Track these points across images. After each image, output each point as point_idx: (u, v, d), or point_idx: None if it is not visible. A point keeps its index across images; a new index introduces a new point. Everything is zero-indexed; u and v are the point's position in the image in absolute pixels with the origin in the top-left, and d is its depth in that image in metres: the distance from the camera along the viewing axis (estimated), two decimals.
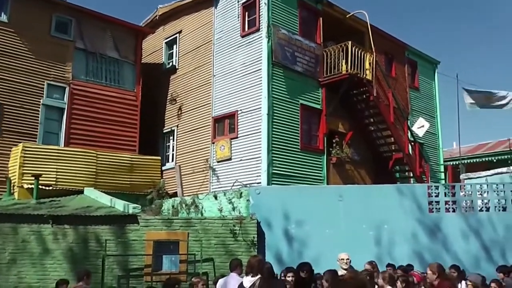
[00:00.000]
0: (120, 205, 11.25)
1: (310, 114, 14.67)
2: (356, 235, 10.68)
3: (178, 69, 16.97)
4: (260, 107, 13.47)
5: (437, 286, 6.22)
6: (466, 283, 6.74)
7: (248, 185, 12.80)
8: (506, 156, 22.29)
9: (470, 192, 11.53)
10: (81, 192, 13.28)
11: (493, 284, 7.28)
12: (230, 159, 14.17)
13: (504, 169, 12.09)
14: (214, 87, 15.22)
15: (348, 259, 8.08)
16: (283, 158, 13.50)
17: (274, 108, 13.53)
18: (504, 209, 11.02)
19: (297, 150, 13.93)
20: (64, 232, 10.27)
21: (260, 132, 13.35)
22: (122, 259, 10.28)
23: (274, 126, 13.44)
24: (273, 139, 13.31)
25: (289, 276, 7.22)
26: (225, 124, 14.72)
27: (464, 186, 11.90)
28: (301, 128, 14.19)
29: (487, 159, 23.35)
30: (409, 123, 16.94)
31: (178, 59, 17.06)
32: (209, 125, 15.15)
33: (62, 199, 12.57)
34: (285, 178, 13.37)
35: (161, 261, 10.49)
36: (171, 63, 17.45)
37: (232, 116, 14.43)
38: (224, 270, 9.61)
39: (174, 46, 17.41)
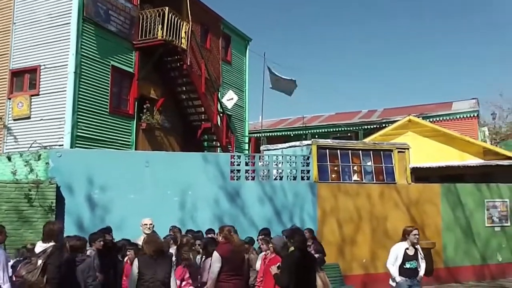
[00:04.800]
0: None
1: (121, 77, 14.22)
2: (161, 201, 10.81)
3: None
4: (67, 64, 12.58)
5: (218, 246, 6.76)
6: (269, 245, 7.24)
7: (48, 147, 11.91)
8: (301, 132, 24.88)
9: (267, 162, 12.57)
10: None
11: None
12: (29, 117, 12.99)
13: (297, 143, 13.33)
14: (14, 36, 13.64)
15: (151, 224, 8.19)
16: (90, 121, 12.88)
17: (82, 66, 12.75)
18: (295, 178, 12.29)
19: (105, 113, 13.41)
20: None
21: (65, 91, 12.49)
22: None
23: (81, 86, 12.69)
24: (80, 99, 12.59)
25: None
26: (25, 79, 13.39)
27: (263, 156, 12.92)
28: (111, 90, 13.67)
29: (285, 133, 25.73)
30: (219, 95, 17.61)
31: None
32: (5, 78, 13.59)
33: None
34: (91, 141, 12.81)
35: None
36: None
37: (33, 70, 13.18)
38: (16, 237, 8.98)
39: None
